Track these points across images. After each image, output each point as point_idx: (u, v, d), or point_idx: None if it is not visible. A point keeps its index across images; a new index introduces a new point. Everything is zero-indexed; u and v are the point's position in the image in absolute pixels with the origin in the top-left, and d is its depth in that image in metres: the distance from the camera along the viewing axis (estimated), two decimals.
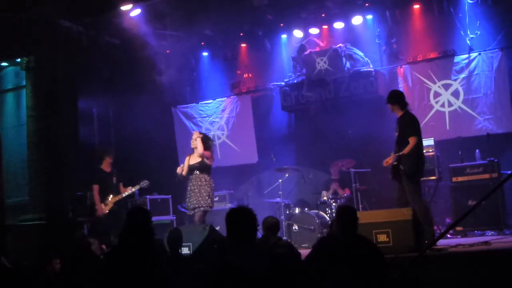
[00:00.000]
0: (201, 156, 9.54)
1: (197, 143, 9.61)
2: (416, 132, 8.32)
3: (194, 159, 9.65)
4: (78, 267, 6.52)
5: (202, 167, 9.57)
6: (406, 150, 8.13)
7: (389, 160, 8.32)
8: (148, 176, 12.33)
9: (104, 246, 8.70)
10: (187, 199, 9.53)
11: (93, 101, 12.66)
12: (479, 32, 11.47)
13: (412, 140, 8.18)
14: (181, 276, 5.85)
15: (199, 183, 9.41)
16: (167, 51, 13.47)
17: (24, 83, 11.81)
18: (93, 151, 11.12)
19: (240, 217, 4.77)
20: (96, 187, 10.34)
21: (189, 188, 9.51)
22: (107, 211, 10.31)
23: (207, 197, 9.35)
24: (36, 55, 11.13)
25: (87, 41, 12.07)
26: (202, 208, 9.30)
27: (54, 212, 10.64)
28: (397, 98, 8.57)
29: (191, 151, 9.85)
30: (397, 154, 8.20)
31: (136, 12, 11.66)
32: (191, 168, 9.56)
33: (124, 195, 10.56)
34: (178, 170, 9.67)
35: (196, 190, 9.37)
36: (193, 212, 9.40)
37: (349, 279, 5.03)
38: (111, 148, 11.33)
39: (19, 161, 12.20)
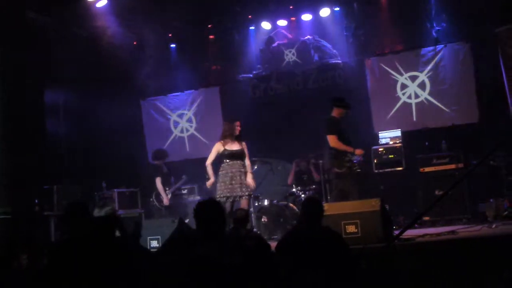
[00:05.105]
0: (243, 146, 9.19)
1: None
2: None
3: (234, 146, 9.12)
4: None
5: (244, 155, 9.21)
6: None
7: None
8: (116, 169, 12.21)
9: None
10: (226, 188, 8.98)
11: (60, 93, 12.45)
12: (445, 25, 11.61)
13: None
14: (150, 268, 5.80)
15: (242, 169, 9.05)
16: (135, 43, 13.36)
17: None
18: (160, 152, 12.01)
19: (208, 209, 4.77)
20: (158, 179, 11.46)
21: (230, 175, 9.00)
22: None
23: (251, 183, 9.08)
24: (0, 47, 10.93)
25: (53, 33, 11.90)
26: (250, 194, 9.11)
27: (20, 206, 10.48)
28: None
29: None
30: None
31: (103, 3, 11.55)
32: (233, 155, 9.07)
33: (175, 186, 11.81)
34: (208, 184, 9.38)
35: (241, 178, 9.00)
36: (227, 200, 8.94)
37: (314, 270, 5.06)
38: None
39: None
